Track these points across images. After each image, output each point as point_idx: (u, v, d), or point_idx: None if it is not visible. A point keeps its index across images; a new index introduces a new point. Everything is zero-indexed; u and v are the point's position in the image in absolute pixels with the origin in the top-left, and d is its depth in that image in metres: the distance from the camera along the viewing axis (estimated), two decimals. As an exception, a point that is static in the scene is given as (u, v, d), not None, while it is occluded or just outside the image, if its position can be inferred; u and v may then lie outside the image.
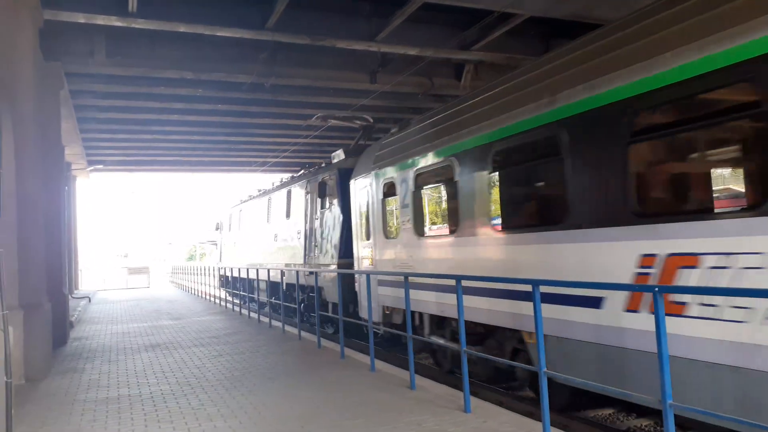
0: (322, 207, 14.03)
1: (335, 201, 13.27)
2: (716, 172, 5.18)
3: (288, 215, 16.75)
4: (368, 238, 10.95)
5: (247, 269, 17.13)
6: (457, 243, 7.83)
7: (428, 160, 8.61)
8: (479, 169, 7.32)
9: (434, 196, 9.16)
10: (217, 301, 20.98)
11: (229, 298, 21.22)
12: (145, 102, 15.77)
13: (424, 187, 9.06)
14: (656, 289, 3.77)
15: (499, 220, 7.05)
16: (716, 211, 4.77)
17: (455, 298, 5.98)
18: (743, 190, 4.79)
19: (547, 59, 6.73)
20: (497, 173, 7.14)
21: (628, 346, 5.09)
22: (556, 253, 6.04)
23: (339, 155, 13.77)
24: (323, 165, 14.74)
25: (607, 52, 5.54)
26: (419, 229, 9.00)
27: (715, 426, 4.60)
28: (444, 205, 8.69)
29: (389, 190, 9.99)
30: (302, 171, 16.72)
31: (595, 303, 5.50)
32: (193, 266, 33.42)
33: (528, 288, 5.07)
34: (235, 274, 21.01)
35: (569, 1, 10.25)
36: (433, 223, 9.23)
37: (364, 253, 11.21)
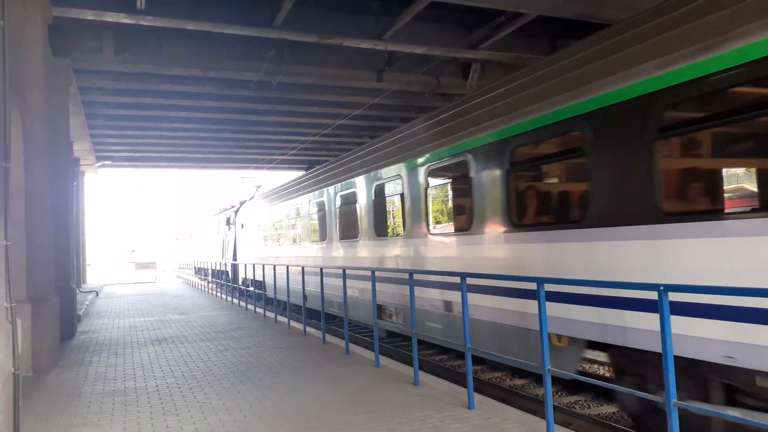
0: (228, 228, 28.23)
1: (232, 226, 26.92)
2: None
3: (218, 232, 31.48)
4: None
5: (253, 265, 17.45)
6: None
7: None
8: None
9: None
10: (224, 296, 21.09)
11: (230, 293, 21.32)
12: (152, 99, 15.85)
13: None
14: (661, 287, 3.79)
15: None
16: None
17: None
18: None
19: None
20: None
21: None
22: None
23: (239, 203, 27.02)
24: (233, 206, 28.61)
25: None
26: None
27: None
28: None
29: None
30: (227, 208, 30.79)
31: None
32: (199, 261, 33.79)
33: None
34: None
35: (577, 1, 10.24)
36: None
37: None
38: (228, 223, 27.61)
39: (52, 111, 10.16)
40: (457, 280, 6.95)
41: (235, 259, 24.79)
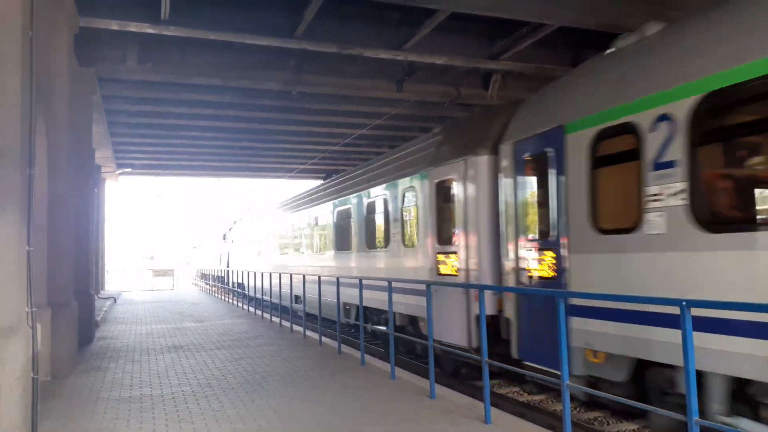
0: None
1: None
2: None
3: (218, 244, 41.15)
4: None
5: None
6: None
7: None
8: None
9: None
10: (240, 304, 21.17)
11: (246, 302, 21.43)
12: (173, 108, 16.05)
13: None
14: (684, 303, 3.72)
15: None
16: None
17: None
18: None
19: None
20: None
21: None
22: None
23: (232, 222, 34.18)
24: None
25: None
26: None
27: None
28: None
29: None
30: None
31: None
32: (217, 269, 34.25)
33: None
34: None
35: (599, 11, 10.17)
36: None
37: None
38: (224, 238, 37.55)
39: (76, 119, 10.31)
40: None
41: (228, 266, 33.75)
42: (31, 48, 5.78)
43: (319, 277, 11.87)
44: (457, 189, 8.92)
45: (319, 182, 20.53)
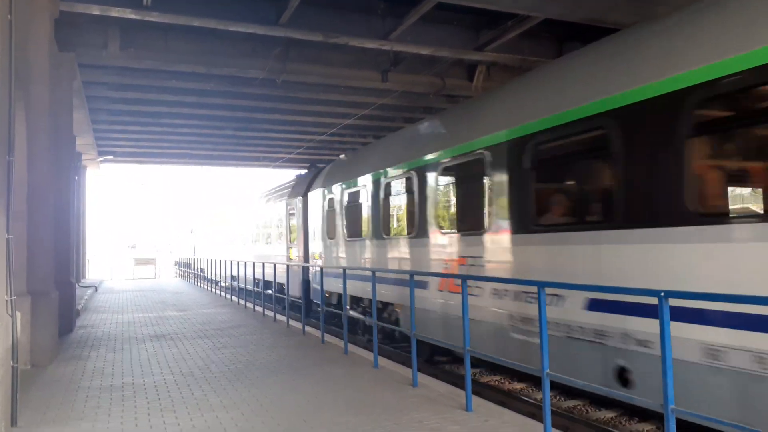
0: None
1: None
2: None
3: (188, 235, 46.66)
4: None
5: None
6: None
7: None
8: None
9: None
10: (223, 293, 21.09)
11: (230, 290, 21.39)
12: (156, 95, 15.86)
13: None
14: (662, 294, 3.78)
15: None
16: None
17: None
18: None
19: None
20: None
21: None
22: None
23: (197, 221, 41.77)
24: None
25: None
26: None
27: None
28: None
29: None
30: None
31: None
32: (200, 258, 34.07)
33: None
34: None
35: (585, 4, 10.21)
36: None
37: None
38: (191, 231, 43.97)
39: (56, 105, 10.15)
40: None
41: (194, 255, 40.02)
42: (11, 32, 5.68)
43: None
44: (296, 212, 17.25)
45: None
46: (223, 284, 23.65)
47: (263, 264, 15.36)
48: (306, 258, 16.02)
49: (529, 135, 6.77)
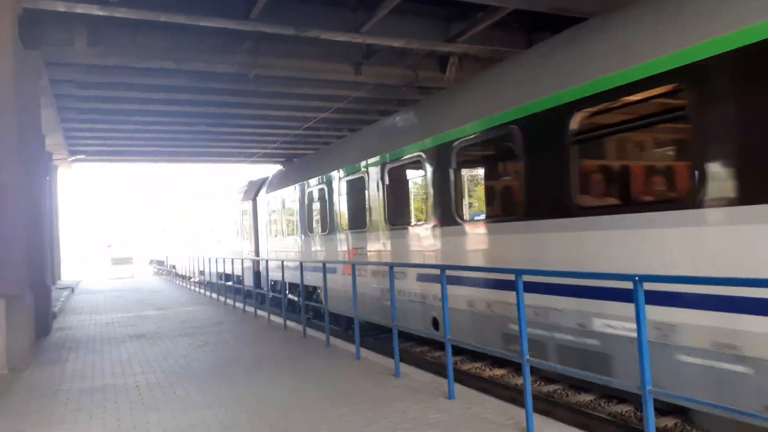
0: None
1: None
2: None
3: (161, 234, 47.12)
4: None
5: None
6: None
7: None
8: None
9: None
10: (203, 291, 20.93)
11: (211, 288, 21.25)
12: (126, 92, 15.58)
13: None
14: (636, 278, 3.89)
15: None
16: None
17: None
18: None
19: None
20: None
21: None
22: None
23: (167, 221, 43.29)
24: None
25: None
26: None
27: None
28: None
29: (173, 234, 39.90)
30: None
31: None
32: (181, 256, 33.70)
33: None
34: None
35: (553, -5, 10.30)
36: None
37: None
38: (163, 230, 44.79)
39: (23, 104, 9.93)
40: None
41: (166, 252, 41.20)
42: (-26, 32, 5.54)
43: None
44: (248, 213, 19.59)
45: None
46: (193, 280, 25.07)
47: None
48: (257, 253, 18.69)
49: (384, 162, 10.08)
